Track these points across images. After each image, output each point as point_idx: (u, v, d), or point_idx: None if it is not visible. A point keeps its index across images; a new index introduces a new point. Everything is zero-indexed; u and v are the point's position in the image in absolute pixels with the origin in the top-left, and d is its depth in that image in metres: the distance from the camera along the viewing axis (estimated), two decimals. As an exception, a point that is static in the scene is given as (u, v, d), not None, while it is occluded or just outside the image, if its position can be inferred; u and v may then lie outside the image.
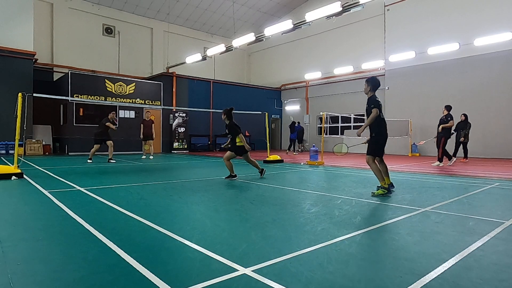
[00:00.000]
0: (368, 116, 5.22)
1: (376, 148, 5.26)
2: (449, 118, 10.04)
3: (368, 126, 5.27)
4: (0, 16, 14.34)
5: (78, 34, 19.07)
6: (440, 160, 10.14)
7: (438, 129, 10.18)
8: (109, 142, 11.26)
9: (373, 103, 5.18)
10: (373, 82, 5.36)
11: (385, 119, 5.37)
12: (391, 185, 5.38)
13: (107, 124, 11.12)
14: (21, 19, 14.82)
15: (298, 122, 18.28)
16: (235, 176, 7.04)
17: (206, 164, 11.34)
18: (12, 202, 4.68)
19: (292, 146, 17.76)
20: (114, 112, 11.74)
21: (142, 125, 12.81)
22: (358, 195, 5.16)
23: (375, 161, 5.26)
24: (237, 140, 7.06)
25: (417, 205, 4.36)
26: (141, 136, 12.83)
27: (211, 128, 20.90)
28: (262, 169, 7.45)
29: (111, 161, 11.18)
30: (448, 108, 10.23)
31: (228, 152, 7.16)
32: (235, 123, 7.12)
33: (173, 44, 22.54)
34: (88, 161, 10.93)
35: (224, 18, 23.24)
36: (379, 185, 5.21)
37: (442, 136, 10.03)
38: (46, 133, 16.31)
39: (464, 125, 11.45)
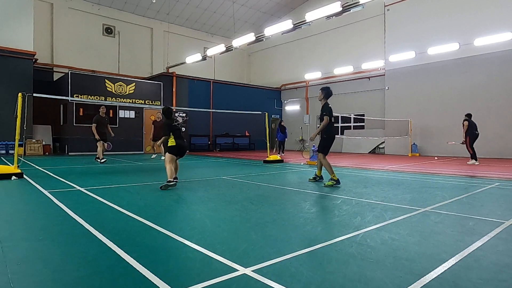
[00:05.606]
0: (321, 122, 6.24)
1: (325, 147, 6.30)
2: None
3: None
4: (0, 16, 14.33)
5: (78, 34, 19.05)
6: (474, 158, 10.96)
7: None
8: (100, 143, 11.16)
9: (325, 110, 6.17)
10: (326, 91, 6.35)
11: (385, 119, 5.59)
12: (321, 177, 6.63)
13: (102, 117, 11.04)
14: (21, 19, 14.80)
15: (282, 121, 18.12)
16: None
17: (206, 164, 11.34)
18: (12, 202, 4.68)
19: (283, 146, 16.98)
20: (103, 107, 11.43)
21: (153, 126, 12.96)
22: (358, 195, 5.16)
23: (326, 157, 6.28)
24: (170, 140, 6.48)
25: (417, 205, 4.36)
26: (151, 137, 13.17)
27: (211, 128, 20.89)
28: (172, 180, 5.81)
29: (97, 160, 11.13)
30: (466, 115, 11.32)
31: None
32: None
33: (173, 44, 22.53)
34: (102, 160, 10.92)
35: (224, 18, 23.23)
36: (330, 178, 6.08)
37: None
38: (46, 133, 16.29)
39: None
